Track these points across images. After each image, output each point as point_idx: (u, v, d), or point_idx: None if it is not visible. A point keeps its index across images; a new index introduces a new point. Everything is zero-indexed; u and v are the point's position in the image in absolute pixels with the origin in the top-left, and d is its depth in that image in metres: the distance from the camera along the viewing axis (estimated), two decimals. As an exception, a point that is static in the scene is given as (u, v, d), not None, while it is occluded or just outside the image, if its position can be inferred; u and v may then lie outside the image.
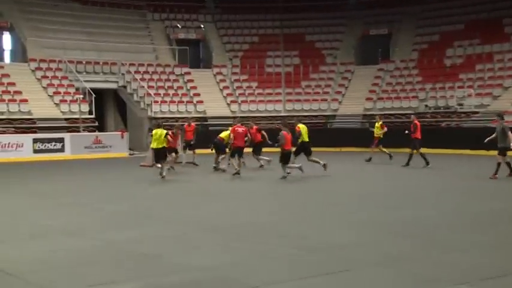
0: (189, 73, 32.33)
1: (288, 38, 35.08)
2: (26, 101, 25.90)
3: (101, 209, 10.67)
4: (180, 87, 31.29)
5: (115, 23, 32.73)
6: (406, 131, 18.33)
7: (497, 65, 28.91)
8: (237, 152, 15.92)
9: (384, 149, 19.53)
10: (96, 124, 26.89)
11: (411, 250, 7.11)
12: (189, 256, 6.93)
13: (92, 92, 27.12)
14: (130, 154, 25.35)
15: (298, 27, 35.44)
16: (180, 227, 8.73)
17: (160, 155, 15.27)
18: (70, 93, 27.57)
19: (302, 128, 15.71)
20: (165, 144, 15.30)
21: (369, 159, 19.52)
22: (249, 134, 16.70)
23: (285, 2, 36.37)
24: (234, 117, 21.09)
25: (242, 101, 31.34)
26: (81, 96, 26.43)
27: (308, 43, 34.92)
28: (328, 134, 28.40)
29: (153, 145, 15.34)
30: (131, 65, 30.75)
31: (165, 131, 15.48)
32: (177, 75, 32.03)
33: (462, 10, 32.35)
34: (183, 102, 30.12)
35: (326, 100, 31.31)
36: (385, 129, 19.68)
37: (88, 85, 27.61)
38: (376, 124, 19.80)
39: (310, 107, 31.07)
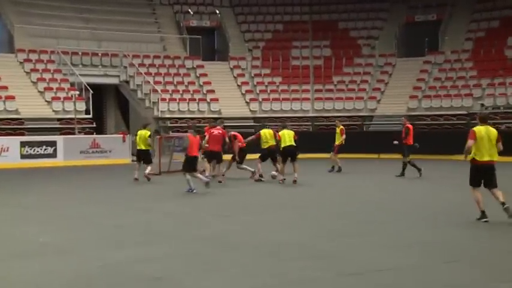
0: (201, 66, 32.43)
1: (317, 26, 35.02)
2: (12, 98, 26.15)
3: (100, 223, 10.63)
4: (192, 83, 31.37)
5: (117, 7, 32.99)
6: (396, 142, 18.15)
7: None
8: (209, 157, 16.75)
9: (338, 159, 19.42)
10: (94, 125, 27.02)
11: (470, 279, 6.90)
12: (204, 280, 6.82)
13: (89, 88, 27.30)
14: (133, 160, 25.38)
15: (330, 12, 35.45)
16: (192, 245, 8.66)
17: (146, 157, 17.11)
18: (64, 89, 27.75)
19: (283, 134, 16.41)
20: (148, 147, 17.13)
21: (332, 169, 19.46)
22: (226, 138, 16.99)
23: (314, -17, 36.36)
24: (216, 118, 21.09)
25: (263, 99, 31.33)
26: (77, 92, 26.59)
27: (341, 31, 34.88)
28: (364, 138, 28.16)
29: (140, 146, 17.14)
30: (135, 56, 30.93)
31: (149, 132, 17.20)
32: (188, 69, 32.14)
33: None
34: (195, 100, 30.19)
35: (362, 98, 31.16)
36: (344, 136, 19.65)
37: (85, 80, 27.79)
38: (337, 130, 19.71)
39: (343, 107, 30.95)
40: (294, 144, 16.39)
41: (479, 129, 10.05)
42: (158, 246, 8.62)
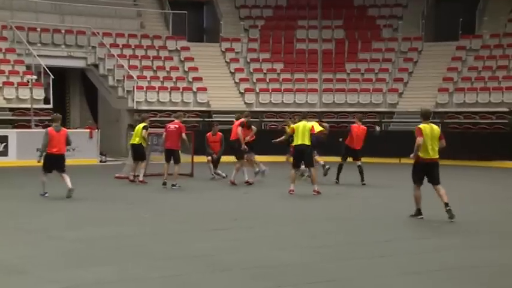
0: (187, 48, 32.40)
1: (328, 2, 35.08)
2: (-45, 82, 26.05)
3: (60, 237, 10.54)
4: (175, 68, 31.33)
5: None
6: (341, 139, 19.17)
7: None
8: (167, 155, 17.35)
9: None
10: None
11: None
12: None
13: (49, 72, 27.17)
14: (101, 161, 25.30)
15: (344, -15, 35.43)
16: (175, 265, 8.60)
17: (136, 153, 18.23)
18: (18, 72, 27.63)
19: (297, 128, 16.15)
20: (142, 141, 18.11)
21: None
22: (183, 135, 17.37)
23: (325, -50, 36.32)
24: (175, 111, 22.04)
25: (261, 90, 31.36)
26: (34, 77, 26.43)
27: (357, 9, 35.02)
28: (382, 138, 27.99)
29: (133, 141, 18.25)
30: (106, 34, 30.88)
31: (144, 124, 18.19)
32: (170, 51, 32.12)
33: None
34: (179, 89, 30.18)
35: (381, 90, 31.22)
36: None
37: (44, 62, 27.68)
38: (287, 129, 19.76)
39: (358, 100, 31.04)
40: (306, 142, 15.89)
41: (425, 127, 11.95)
42: (129, 266, 8.52)
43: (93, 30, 30.36)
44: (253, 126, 18.30)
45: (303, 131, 15.88)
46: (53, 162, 14.91)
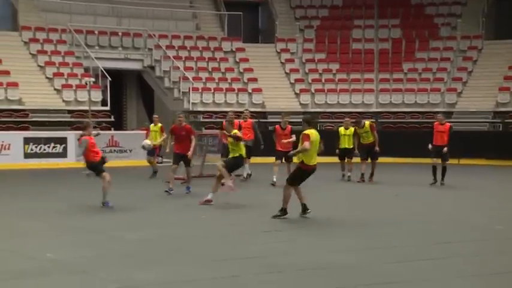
0: (242, 49, 32.51)
1: (385, 1, 34.84)
2: (15, 85, 26.59)
3: (120, 237, 10.72)
4: (230, 69, 31.44)
5: (141, -22, 33.32)
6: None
7: None
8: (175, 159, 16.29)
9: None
10: (112, 119, 27.27)
11: None
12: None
13: (106, 75, 27.57)
14: (158, 162, 25.48)
15: (401, -16, 35.09)
16: (227, 267, 8.62)
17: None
18: (76, 75, 28.11)
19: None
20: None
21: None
22: (192, 137, 16.22)
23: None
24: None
25: (317, 90, 31.28)
26: (92, 79, 26.89)
27: (415, 8, 34.74)
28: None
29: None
30: (162, 37, 31.18)
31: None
32: (225, 53, 32.27)
33: None
34: (234, 90, 30.29)
35: (439, 90, 30.88)
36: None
37: (102, 64, 28.12)
38: (152, 127, 20.08)
39: (416, 100, 30.80)
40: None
41: (312, 133, 12.04)
42: (183, 267, 8.60)
43: (150, 33, 30.72)
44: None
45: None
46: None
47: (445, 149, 17.98)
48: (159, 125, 20.31)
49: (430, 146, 18.12)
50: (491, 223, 12.27)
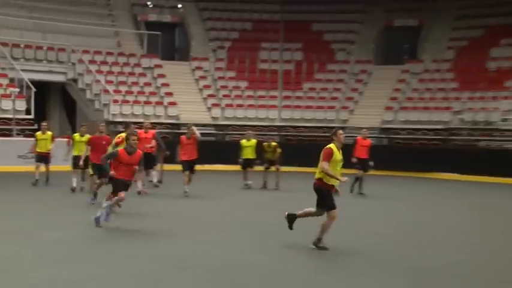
0: (159, 66, 32.46)
1: (289, 27, 35.37)
2: None
3: (40, 238, 10.62)
4: (148, 84, 31.36)
5: (65, -4, 32.89)
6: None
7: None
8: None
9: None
10: (35, 127, 26.71)
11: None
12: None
13: (31, 86, 27.03)
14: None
15: (303, 13, 35.72)
16: (140, 264, 8.71)
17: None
18: (1, 85, 27.43)
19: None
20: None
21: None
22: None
23: (287, -20, 36.70)
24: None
25: (226, 105, 31.49)
26: (17, 90, 26.34)
27: (315, 34, 35.22)
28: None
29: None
30: (85, 52, 30.81)
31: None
32: (144, 69, 32.13)
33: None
34: (151, 103, 30.18)
35: (334, 108, 31.53)
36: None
37: (26, 76, 27.51)
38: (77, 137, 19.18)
39: (313, 116, 31.29)
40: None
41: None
42: (94, 265, 8.63)
43: (73, 48, 30.28)
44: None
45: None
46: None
47: (371, 162, 18.36)
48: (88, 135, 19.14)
49: (354, 159, 18.17)
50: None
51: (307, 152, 27.58)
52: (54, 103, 31.91)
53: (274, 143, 20.35)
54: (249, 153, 19.98)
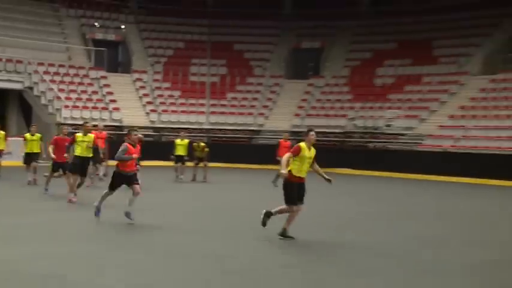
0: (105, 77, 32.00)
1: (215, 46, 35.54)
2: None
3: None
4: (95, 92, 30.84)
5: (23, 15, 31.91)
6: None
7: (426, 87, 30.61)
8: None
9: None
10: (-4, 128, 25.83)
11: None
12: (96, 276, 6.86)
13: (-9, 93, 26.17)
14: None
15: (227, 34, 35.96)
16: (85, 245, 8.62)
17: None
18: (-35, 91, 26.46)
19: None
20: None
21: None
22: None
23: (214, 7, 36.82)
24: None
25: (162, 111, 31.36)
26: (-21, 96, 25.42)
27: (236, 52, 35.54)
28: (252, 150, 29.07)
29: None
30: (40, 64, 30.04)
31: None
32: (91, 79, 31.59)
33: (396, 28, 33.96)
34: (97, 108, 29.72)
35: (252, 114, 31.89)
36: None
37: (-13, 84, 26.61)
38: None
39: (235, 121, 31.53)
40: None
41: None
42: (55, 245, 8.51)
43: (30, 60, 29.45)
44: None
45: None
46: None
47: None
48: (38, 134, 18.36)
49: (279, 158, 17.52)
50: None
51: (231, 151, 28.23)
52: (13, 107, 30.92)
53: (202, 144, 20.49)
54: (181, 151, 19.99)
